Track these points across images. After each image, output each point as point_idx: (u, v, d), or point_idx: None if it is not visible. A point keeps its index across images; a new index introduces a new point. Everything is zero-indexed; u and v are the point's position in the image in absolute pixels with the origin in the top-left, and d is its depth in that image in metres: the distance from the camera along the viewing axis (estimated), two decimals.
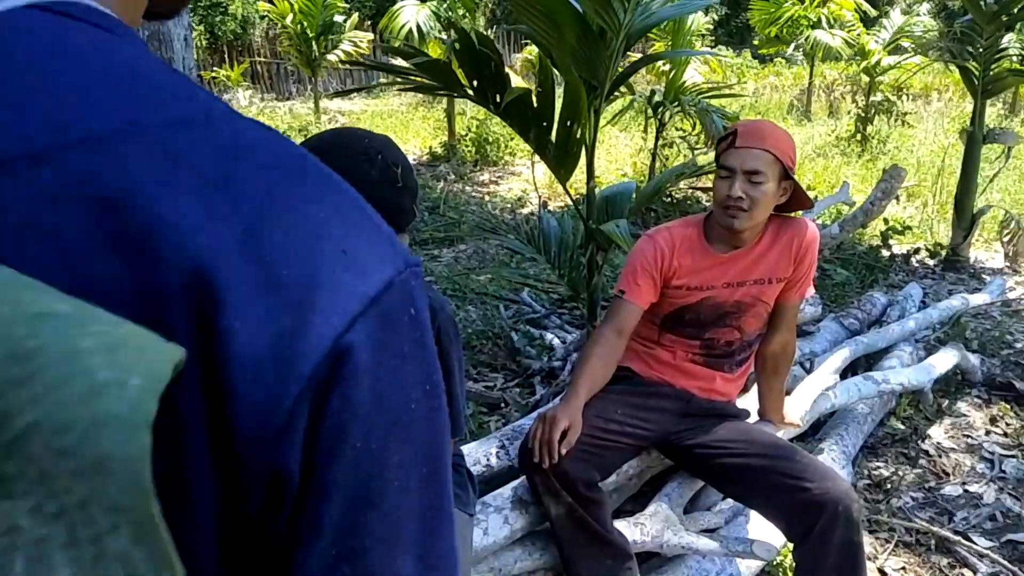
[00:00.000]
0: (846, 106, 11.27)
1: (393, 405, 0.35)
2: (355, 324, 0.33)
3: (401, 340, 0.36)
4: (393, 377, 0.35)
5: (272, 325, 0.32)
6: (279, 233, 0.33)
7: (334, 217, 0.35)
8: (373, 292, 0.35)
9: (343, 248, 0.35)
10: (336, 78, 14.72)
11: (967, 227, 4.95)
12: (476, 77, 2.18)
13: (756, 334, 2.01)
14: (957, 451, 2.80)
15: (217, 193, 0.32)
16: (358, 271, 0.35)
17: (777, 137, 1.82)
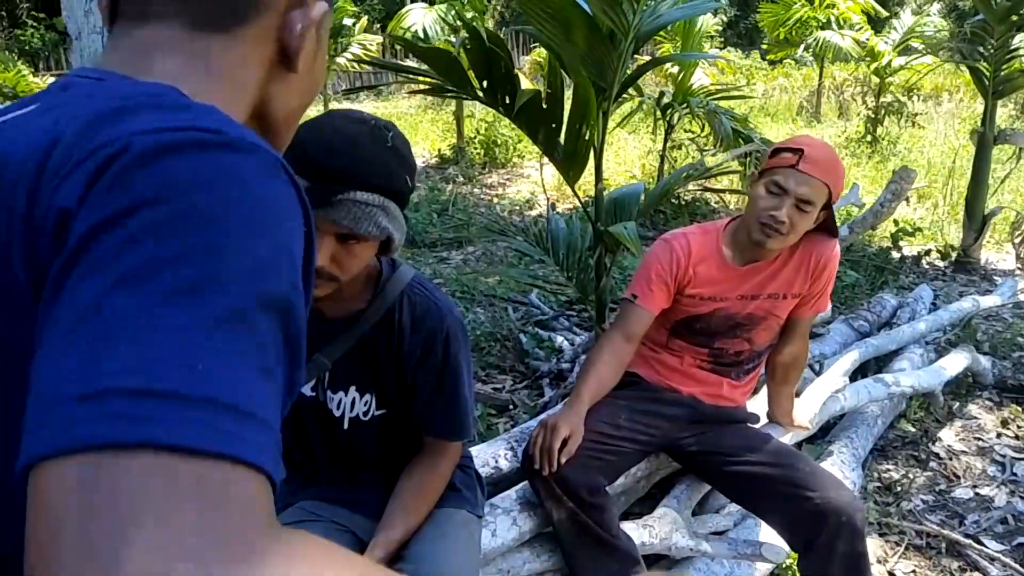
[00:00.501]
0: (856, 107, 11.23)
1: (152, 195, 0.43)
2: (142, 134, 0.45)
3: (188, 166, 0.45)
4: (164, 177, 0.44)
5: (80, 140, 0.47)
6: (124, 109, 0.49)
7: (165, 110, 0.49)
8: (167, 126, 0.47)
9: (159, 101, 0.50)
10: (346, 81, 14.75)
11: (978, 228, 4.92)
12: (486, 77, 2.18)
13: (767, 345, 1.99)
14: (968, 454, 2.79)
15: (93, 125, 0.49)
16: (170, 116, 0.48)
17: (838, 171, 1.77)
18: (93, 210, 0.43)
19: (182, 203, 0.43)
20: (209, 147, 0.45)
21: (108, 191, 0.43)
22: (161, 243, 0.41)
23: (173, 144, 0.45)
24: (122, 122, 0.47)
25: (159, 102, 0.50)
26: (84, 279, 0.41)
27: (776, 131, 9.42)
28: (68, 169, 0.45)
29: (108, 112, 0.48)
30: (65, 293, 0.41)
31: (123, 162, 0.44)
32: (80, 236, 0.42)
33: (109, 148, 0.45)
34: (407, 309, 1.32)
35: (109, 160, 0.44)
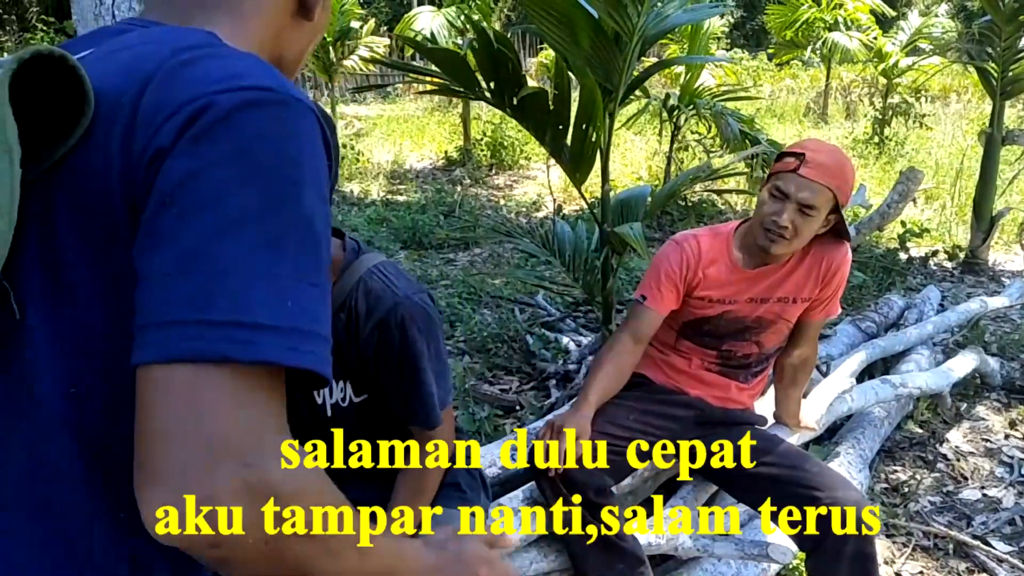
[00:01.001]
0: (863, 108, 11.20)
1: (243, 145, 0.54)
2: (223, 92, 0.54)
3: (268, 118, 0.55)
4: (250, 129, 0.54)
5: (167, 93, 0.55)
6: (196, 65, 0.57)
7: (244, 63, 0.58)
8: (246, 85, 0.55)
9: (238, 71, 0.57)
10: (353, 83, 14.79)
11: (986, 229, 4.91)
12: (493, 78, 2.20)
13: (775, 348, 1.99)
14: (976, 455, 2.78)
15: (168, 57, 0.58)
16: (241, 79, 0.56)
17: (844, 175, 1.74)
18: (185, 156, 0.52)
19: (256, 159, 0.53)
20: (270, 105, 0.55)
21: (197, 142, 0.53)
22: (246, 194, 0.52)
23: (244, 103, 0.54)
24: (196, 72, 0.56)
25: (214, 52, 0.59)
26: (185, 221, 0.51)
27: (783, 132, 9.41)
28: (161, 119, 0.53)
29: (180, 62, 0.56)
30: (166, 232, 0.52)
31: (207, 120, 0.53)
32: (175, 180, 0.52)
33: (195, 104, 0.53)
34: (362, 295, 1.31)
35: (196, 115, 0.53)
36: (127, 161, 0.54)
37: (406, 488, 1.41)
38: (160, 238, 0.52)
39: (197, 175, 0.52)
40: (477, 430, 2.62)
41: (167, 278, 0.51)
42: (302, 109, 0.57)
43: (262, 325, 0.50)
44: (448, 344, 3.59)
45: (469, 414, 2.72)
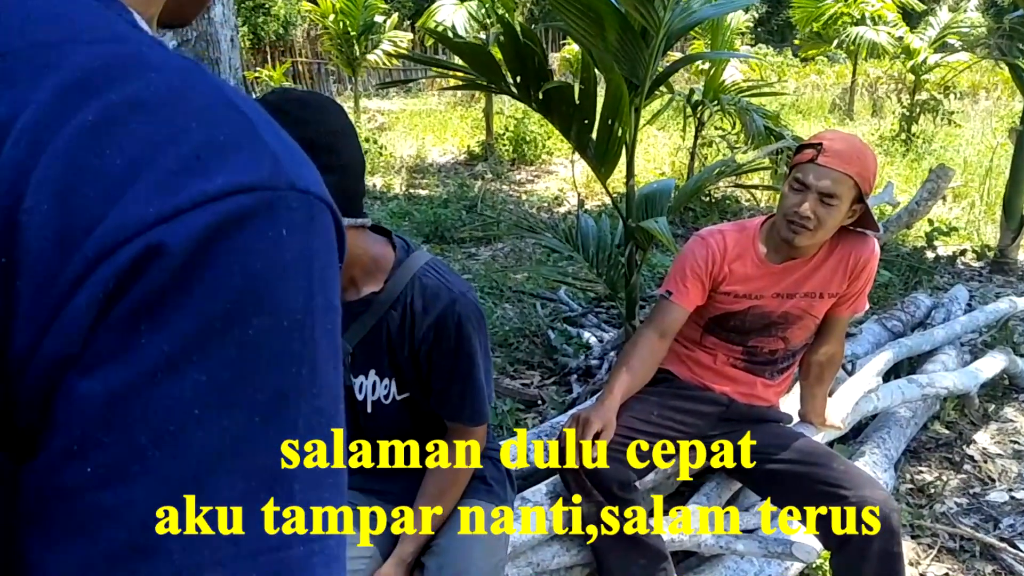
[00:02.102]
0: (890, 105, 11.05)
1: (218, 312, 0.32)
2: (177, 218, 0.31)
3: (255, 252, 0.33)
4: (226, 284, 0.32)
5: (73, 209, 0.31)
6: (126, 131, 0.33)
7: (206, 127, 0.34)
8: (213, 191, 0.32)
9: (198, 154, 0.33)
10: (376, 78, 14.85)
11: (1016, 228, 4.83)
12: (519, 72, 2.19)
13: (802, 345, 1.97)
14: (1003, 457, 2.74)
15: (76, 93, 0.33)
16: (206, 173, 0.32)
17: (864, 161, 1.73)
18: (114, 364, 0.31)
19: (243, 350, 0.32)
20: (257, 221, 0.33)
21: (133, 332, 0.31)
22: (230, 419, 0.32)
23: (214, 231, 0.32)
24: (121, 154, 0.32)
25: (138, 88, 0.34)
26: (124, 490, 0.31)
27: (808, 129, 9.31)
28: (67, 279, 0.31)
29: (88, 125, 0.32)
30: (95, 511, 0.31)
31: (153, 283, 0.31)
32: (98, 411, 0.31)
33: (129, 247, 0.31)
34: (418, 292, 1.31)
35: (130, 274, 0.31)
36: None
37: (435, 485, 1.40)
38: (87, 517, 0.31)
39: (138, 398, 0.31)
40: (499, 424, 2.63)
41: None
42: (306, 211, 0.35)
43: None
44: None
45: (491, 408, 2.72)
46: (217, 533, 0.32)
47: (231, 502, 0.32)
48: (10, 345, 0.31)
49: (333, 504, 0.36)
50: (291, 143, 0.37)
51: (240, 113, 0.36)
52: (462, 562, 1.33)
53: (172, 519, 0.31)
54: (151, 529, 0.31)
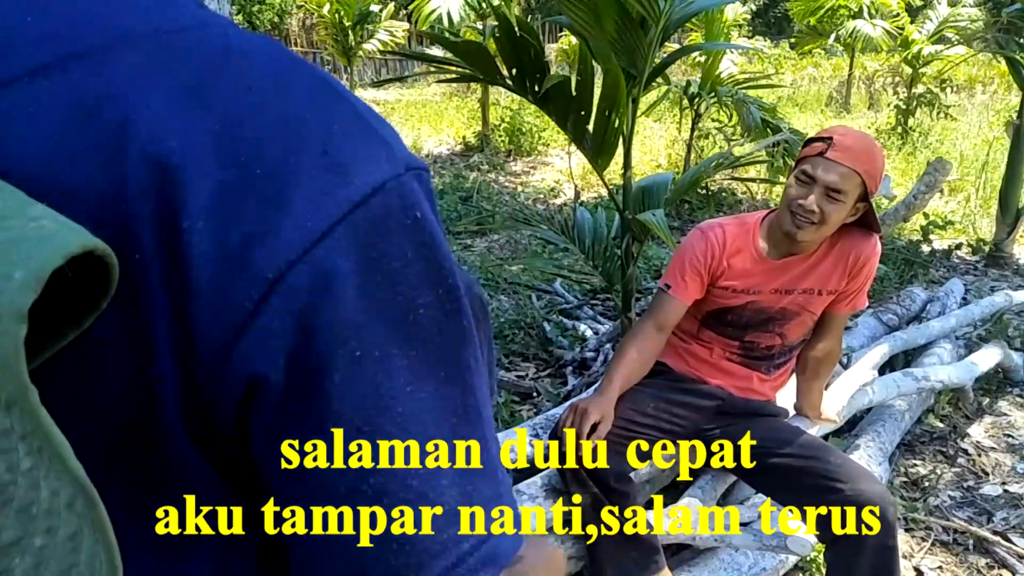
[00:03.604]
0: (887, 98, 11.06)
1: (394, 310, 0.35)
2: (333, 231, 0.33)
3: (400, 244, 0.35)
4: (392, 282, 0.34)
5: (236, 227, 0.32)
6: (254, 132, 0.33)
7: (319, 117, 0.35)
8: (357, 196, 0.34)
9: (325, 149, 0.34)
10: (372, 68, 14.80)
11: (1012, 222, 4.84)
12: (515, 65, 2.18)
13: (799, 341, 1.97)
14: (997, 450, 2.75)
15: (194, 94, 0.33)
16: (340, 173, 0.34)
17: (873, 159, 1.71)
18: (301, 400, 0.33)
19: (430, 352, 0.36)
20: (398, 215, 0.35)
21: (348, 344, 0.33)
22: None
23: (369, 241, 0.34)
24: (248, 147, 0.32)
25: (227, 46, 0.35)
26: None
27: (805, 121, 9.31)
28: (219, 290, 0.32)
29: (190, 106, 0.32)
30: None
31: (340, 301, 0.33)
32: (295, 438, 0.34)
33: (295, 269, 0.32)
34: None
35: (315, 292, 0.33)
36: (187, 370, 0.33)
37: None
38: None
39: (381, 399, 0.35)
40: (494, 416, 2.62)
41: None
42: (424, 186, 0.38)
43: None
44: None
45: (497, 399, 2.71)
46: (453, 471, 0.37)
47: (454, 447, 0.37)
48: (197, 366, 0.33)
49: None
50: (382, 119, 0.38)
51: (336, 92, 0.37)
52: None
53: (424, 472, 0.36)
54: (411, 488, 0.35)
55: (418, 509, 0.35)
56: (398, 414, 0.35)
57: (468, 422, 0.38)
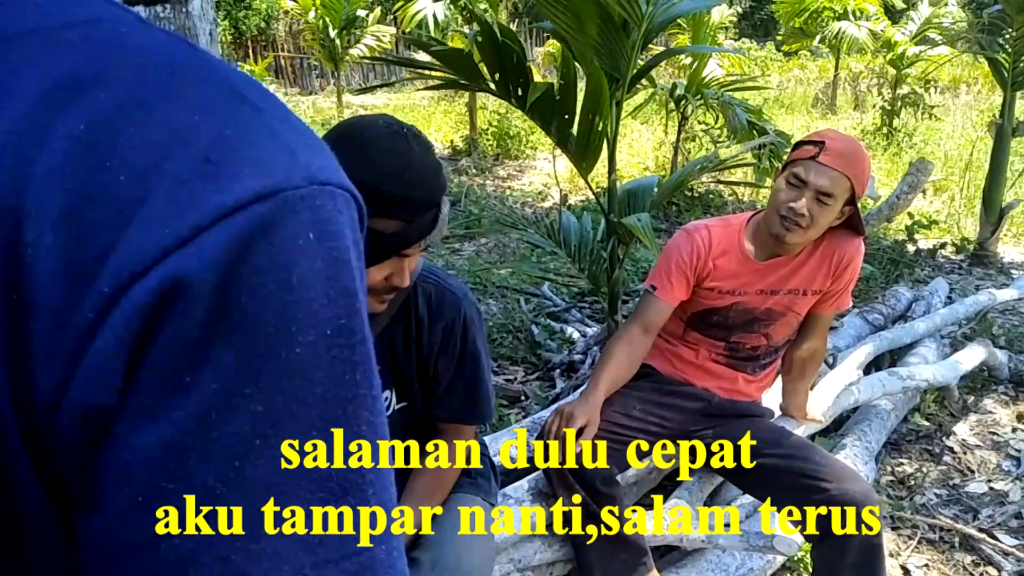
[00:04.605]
0: (872, 99, 11.13)
1: (255, 340, 0.29)
2: (196, 239, 0.28)
3: (284, 263, 0.30)
4: (261, 306, 0.29)
5: (91, 239, 0.28)
6: (128, 137, 0.29)
7: (209, 121, 0.31)
8: (231, 202, 0.29)
9: (207, 155, 0.30)
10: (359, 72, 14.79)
11: (995, 222, 4.87)
12: (498, 70, 2.18)
13: (784, 341, 1.98)
14: (982, 448, 2.77)
15: (67, 92, 0.30)
16: (218, 179, 0.29)
17: (862, 164, 1.73)
18: (151, 420, 0.29)
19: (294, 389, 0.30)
20: (288, 225, 0.30)
21: (182, 370, 0.29)
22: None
23: (243, 249, 0.29)
24: (125, 164, 0.29)
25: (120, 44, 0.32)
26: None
27: (791, 123, 9.36)
28: (85, 318, 0.28)
29: (81, 136, 0.29)
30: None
31: (187, 316, 0.28)
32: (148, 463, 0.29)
33: (150, 278, 0.28)
34: (422, 300, 1.31)
35: (158, 312, 0.28)
36: (20, 400, 0.29)
37: (429, 484, 1.39)
38: None
39: (197, 442, 0.29)
40: None
41: None
42: (332, 206, 0.32)
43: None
44: None
45: None
46: (299, 548, 0.31)
47: (309, 516, 0.31)
48: (35, 393, 0.29)
49: (395, 502, 0.35)
50: (304, 129, 0.34)
51: (243, 99, 0.32)
52: (455, 558, 1.33)
53: (254, 547, 0.30)
54: (232, 564, 0.30)
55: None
56: (233, 469, 0.29)
57: (343, 498, 0.32)
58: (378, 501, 0.33)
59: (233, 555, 0.30)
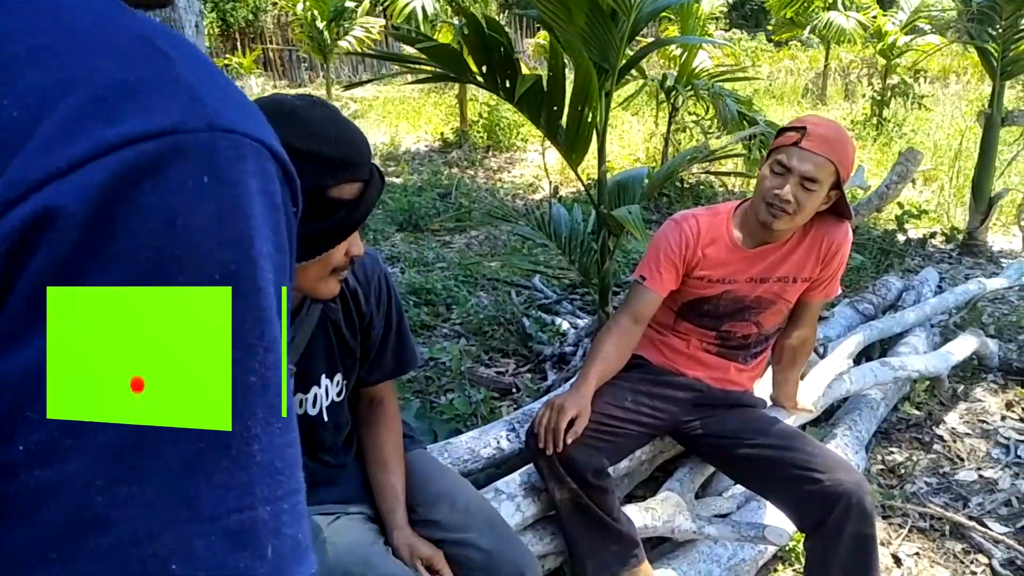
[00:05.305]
0: (862, 89, 11.14)
1: (136, 274, 0.29)
2: (75, 171, 0.28)
3: (168, 203, 0.29)
4: (136, 243, 0.29)
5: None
6: (25, 77, 0.30)
7: (116, 66, 0.31)
8: (114, 139, 0.29)
9: (104, 95, 0.30)
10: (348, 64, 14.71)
11: (984, 211, 4.89)
12: (485, 62, 2.16)
13: (775, 329, 1.97)
14: (972, 436, 2.78)
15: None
16: (109, 117, 0.29)
17: (845, 148, 1.73)
18: (36, 336, 0.29)
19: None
20: (176, 167, 0.30)
21: (22, 322, 0.28)
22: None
23: (119, 189, 0.29)
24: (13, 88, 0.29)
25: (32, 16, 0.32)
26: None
27: (781, 113, 9.36)
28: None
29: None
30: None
31: (55, 247, 0.28)
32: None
33: (16, 208, 0.28)
34: (349, 274, 1.30)
35: (25, 237, 0.28)
36: None
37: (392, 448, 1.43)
38: None
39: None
40: (473, 412, 2.61)
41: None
42: (233, 152, 0.31)
43: None
44: (444, 327, 3.58)
45: (465, 397, 2.71)
46: (171, 499, 0.30)
47: (180, 464, 0.30)
48: None
49: (290, 464, 0.34)
50: (226, 85, 0.34)
51: (155, 49, 0.32)
52: (459, 497, 1.40)
53: (117, 488, 0.29)
54: (95, 501, 0.29)
55: None
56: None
57: (224, 452, 0.30)
58: (265, 459, 0.32)
59: (96, 496, 0.29)
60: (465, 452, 1.87)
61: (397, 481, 1.39)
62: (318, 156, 0.99)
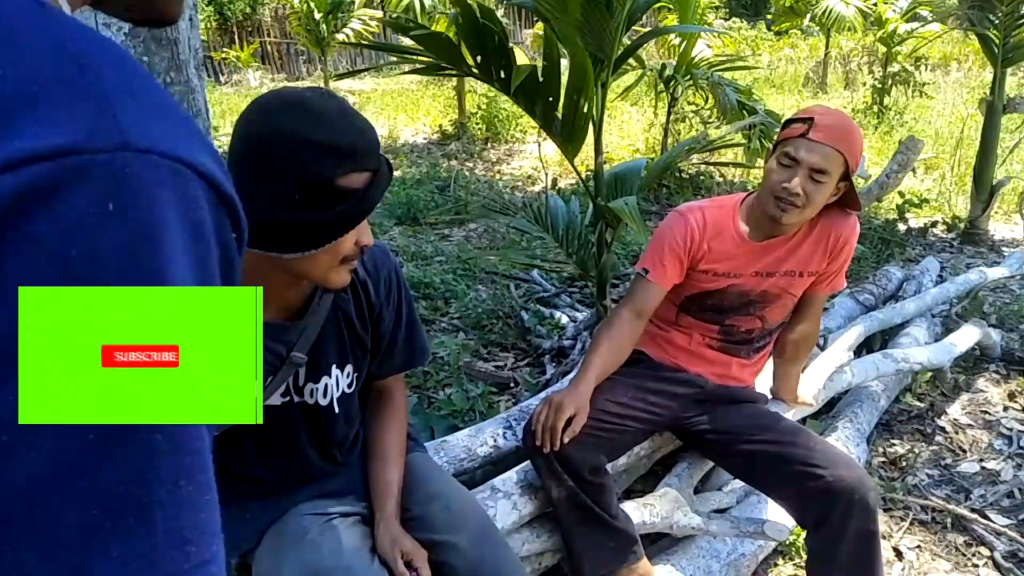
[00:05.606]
0: (863, 78, 11.08)
1: None
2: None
3: (66, 233, 0.26)
4: (34, 275, 0.26)
5: None
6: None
7: (21, 78, 0.27)
8: (0, 160, 0.26)
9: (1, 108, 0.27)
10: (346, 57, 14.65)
11: (986, 199, 4.85)
12: (480, 52, 2.14)
13: (779, 323, 1.95)
14: (974, 427, 2.76)
15: None
16: (2, 134, 0.26)
17: (853, 138, 1.69)
18: None
19: None
20: (67, 199, 0.27)
21: None
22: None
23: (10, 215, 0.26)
24: None
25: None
26: None
27: (782, 103, 9.31)
28: None
29: None
30: None
31: None
32: None
33: None
34: (359, 265, 1.30)
35: None
36: None
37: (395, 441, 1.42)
38: None
39: None
40: (471, 407, 2.59)
41: None
42: (149, 176, 0.28)
43: None
44: (443, 321, 3.56)
45: (463, 391, 2.69)
46: (56, 571, 0.27)
47: (75, 533, 0.28)
48: None
49: (208, 525, 0.31)
50: (152, 96, 0.30)
51: (68, 55, 0.28)
52: (454, 500, 1.40)
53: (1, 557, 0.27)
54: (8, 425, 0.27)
55: None
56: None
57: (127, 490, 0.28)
58: (171, 527, 0.29)
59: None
60: (461, 450, 1.85)
61: (394, 474, 1.38)
62: (327, 145, 1.00)
